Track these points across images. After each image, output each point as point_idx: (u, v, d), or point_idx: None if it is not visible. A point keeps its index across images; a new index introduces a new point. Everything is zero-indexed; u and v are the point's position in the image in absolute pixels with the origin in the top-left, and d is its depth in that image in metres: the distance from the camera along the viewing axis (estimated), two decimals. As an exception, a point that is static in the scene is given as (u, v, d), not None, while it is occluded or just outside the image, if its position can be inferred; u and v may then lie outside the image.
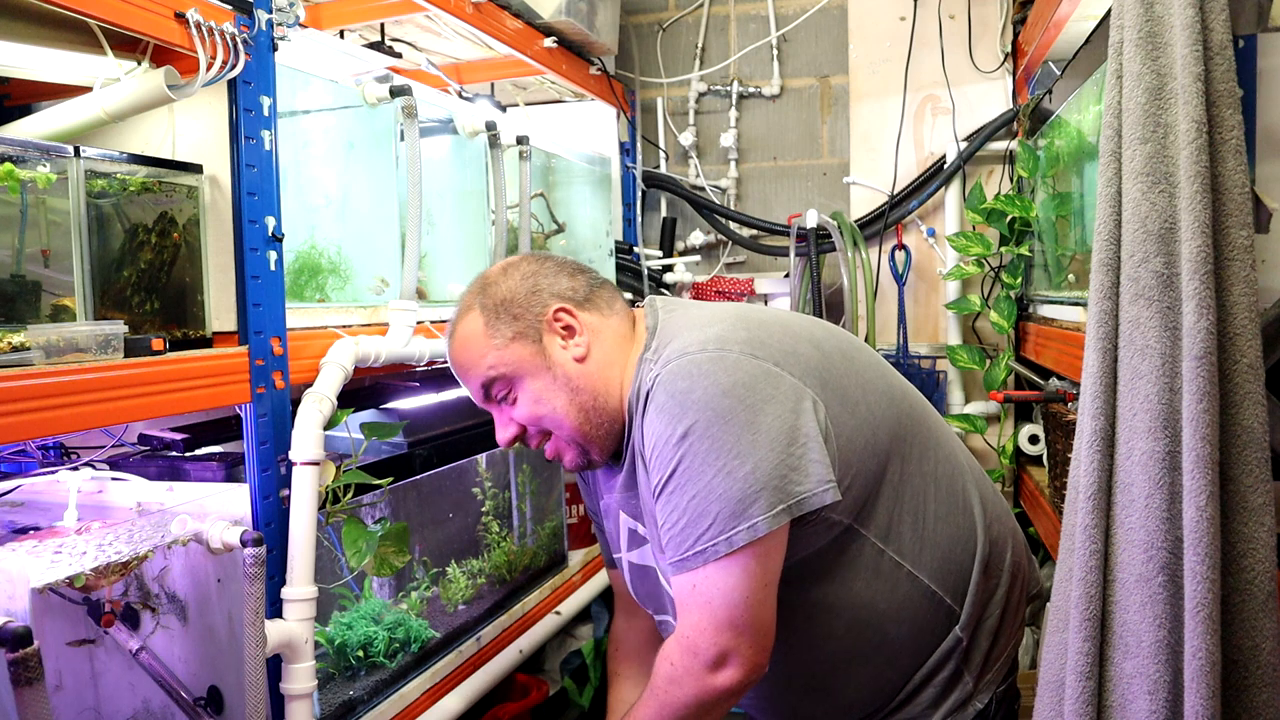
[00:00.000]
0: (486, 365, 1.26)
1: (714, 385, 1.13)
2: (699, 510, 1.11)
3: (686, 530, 1.13)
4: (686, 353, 1.17)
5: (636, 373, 1.25)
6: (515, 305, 1.27)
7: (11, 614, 1.00)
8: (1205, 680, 0.94)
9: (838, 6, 2.84)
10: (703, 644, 1.14)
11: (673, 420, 1.13)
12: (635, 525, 1.32)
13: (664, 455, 1.14)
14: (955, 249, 2.56)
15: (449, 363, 1.34)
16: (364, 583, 1.77)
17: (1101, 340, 1.07)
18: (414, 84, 1.70)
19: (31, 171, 1.14)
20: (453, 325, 1.32)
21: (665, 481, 1.14)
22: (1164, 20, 1.03)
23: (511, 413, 1.29)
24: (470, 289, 1.32)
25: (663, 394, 1.15)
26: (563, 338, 1.27)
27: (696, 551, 1.12)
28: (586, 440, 1.28)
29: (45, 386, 1.04)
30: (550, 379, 1.25)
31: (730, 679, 1.15)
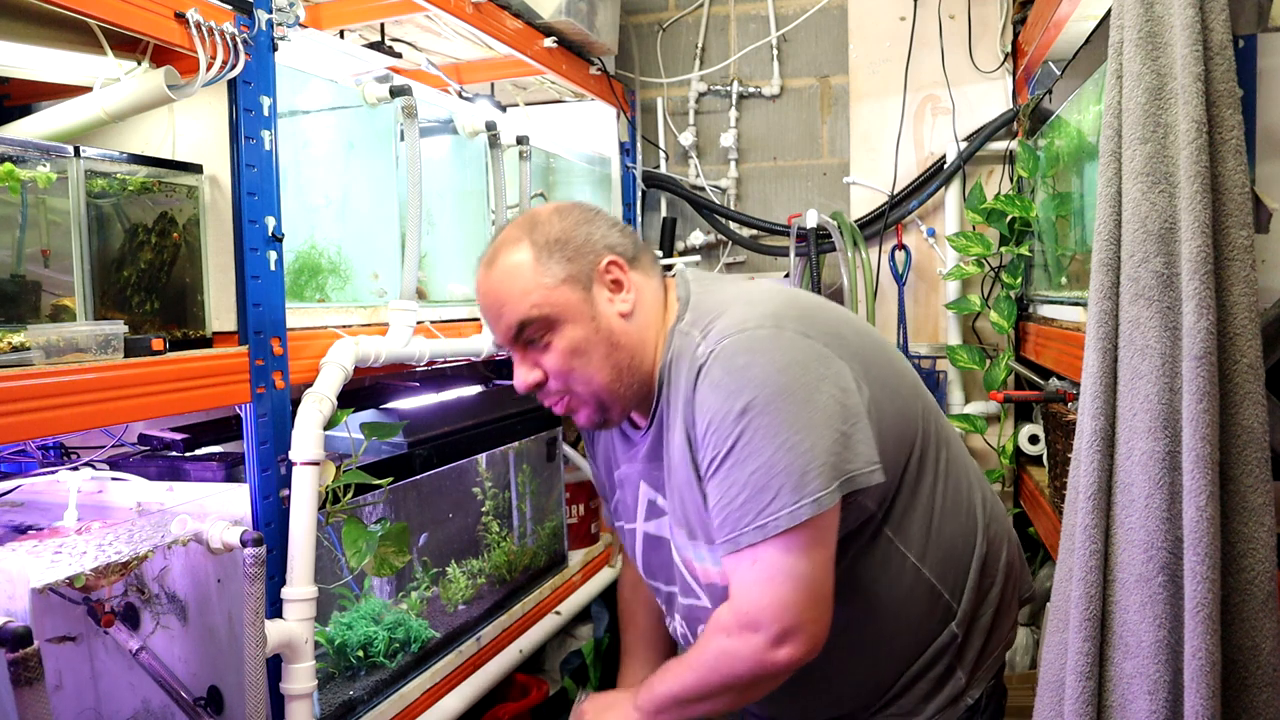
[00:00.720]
0: (530, 302, 1.20)
1: (771, 362, 1.12)
2: (760, 485, 1.10)
3: (747, 505, 1.11)
4: (744, 329, 1.15)
5: (669, 342, 1.23)
6: (569, 248, 1.21)
7: (11, 614, 1.00)
8: (1205, 680, 0.94)
9: (838, 6, 2.84)
10: (765, 620, 1.12)
11: (731, 396, 1.11)
12: (655, 496, 1.30)
13: (722, 430, 1.12)
14: (955, 249, 2.56)
15: (479, 295, 1.27)
16: (364, 583, 1.77)
17: (1101, 340, 1.07)
18: (414, 84, 1.71)
19: (31, 171, 1.14)
20: (492, 254, 1.25)
21: (724, 457, 1.12)
22: (1164, 20, 1.03)
23: (540, 358, 1.23)
24: (516, 224, 1.26)
25: (719, 370, 1.13)
26: (611, 291, 1.23)
27: (758, 526, 1.10)
28: (611, 399, 1.24)
29: (45, 386, 1.04)
30: (593, 330, 1.21)
31: (790, 655, 1.13)
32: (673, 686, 1.21)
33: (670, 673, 1.23)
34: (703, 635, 1.20)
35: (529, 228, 1.24)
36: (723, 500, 1.13)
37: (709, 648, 1.17)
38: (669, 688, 1.22)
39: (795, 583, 1.11)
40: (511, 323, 1.22)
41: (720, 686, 1.17)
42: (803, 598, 1.12)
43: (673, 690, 1.21)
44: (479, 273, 1.26)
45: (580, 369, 1.22)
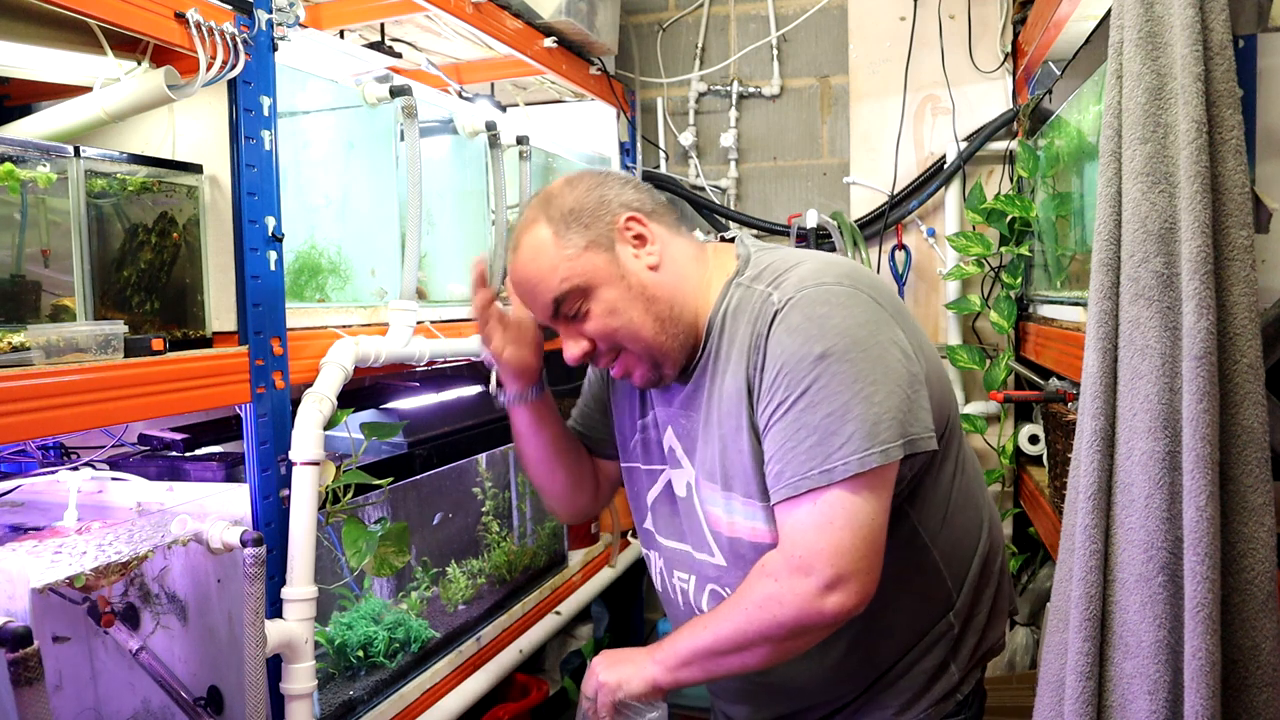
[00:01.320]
0: (559, 278, 1.22)
1: (850, 316, 1.14)
2: (832, 429, 1.10)
3: (816, 448, 1.11)
4: (822, 283, 1.17)
5: (726, 294, 1.25)
6: (584, 214, 1.23)
7: (11, 614, 1.00)
8: (1205, 680, 0.94)
9: (838, 6, 2.84)
10: (819, 565, 1.10)
11: (810, 340, 1.13)
12: (675, 445, 1.30)
13: (797, 372, 1.13)
14: (955, 249, 2.56)
15: (512, 283, 1.29)
16: (364, 583, 1.77)
17: (1101, 340, 1.07)
18: (414, 84, 1.71)
19: (31, 171, 1.14)
20: (515, 239, 1.27)
21: (795, 399, 1.12)
22: (1164, 20, 1.03)
23: (582, 327, 1.24)
24: (531, 204, 1.27)
25: (799, 316, 1.15)
26: (635, 246, 1.24)
27: (824, 470, 1.10)
28: (661, 352, 1.25)
29: (45, 386, 1.04)
30: (625, 288, 1.22)
31: (840, 604, 1.11)
32: (702, 638, 1.18)
33: (699, 625, 1.19)
34: (744, 583, 1.17)
35: (544, 205, 1.25)
36: (788, 444, 1.13)
37: (752, 593, 1.15)
38: (697, 640, 1.18)
39: (854, 529, 1.11)
40: (547, 301, 1.23)
41: (758, 636, 1.14)
42: (860, 545, 1.11)
43: (702, 642, 1.18)
44: (508, 259, 1.28)
45: (624, 327, 1.23)
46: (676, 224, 1.30)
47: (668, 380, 1.29)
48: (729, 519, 1.23)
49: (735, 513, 1.22)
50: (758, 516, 1.20)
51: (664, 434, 1.33)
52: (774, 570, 1.14)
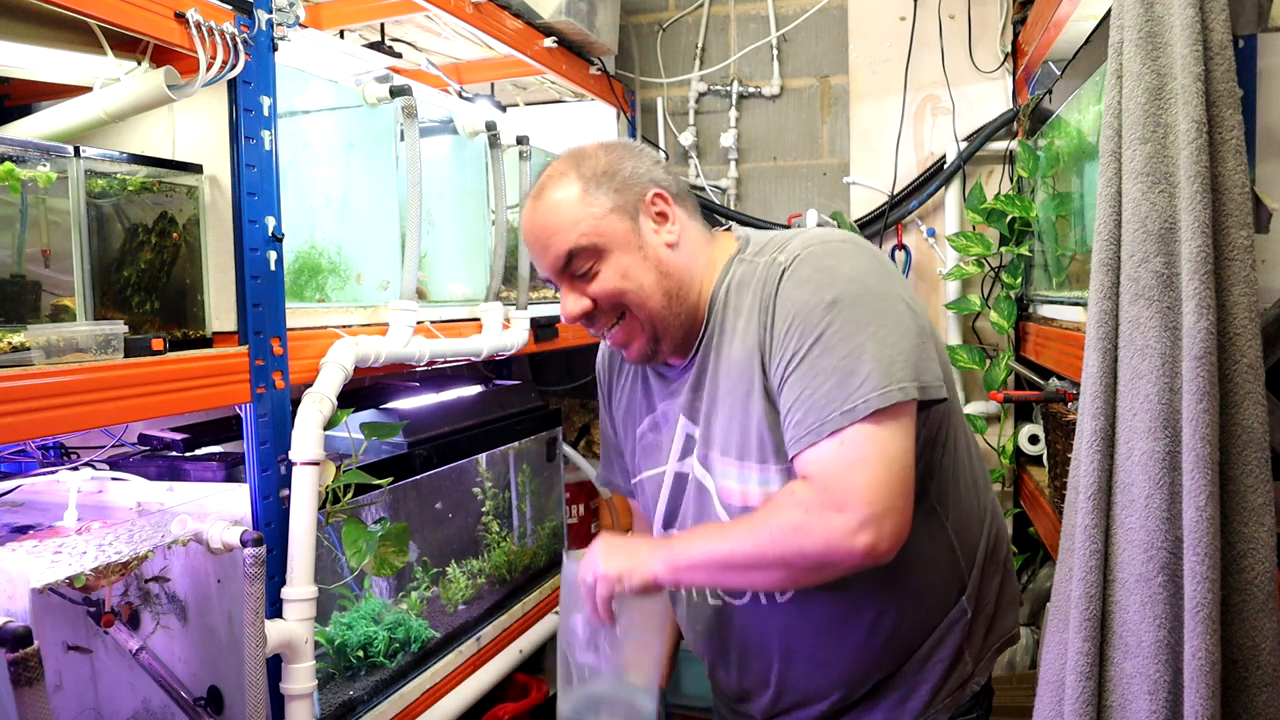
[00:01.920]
0: (578, 232, 1.23)
1: (858, 266, 1.17)
2: (849, 369, 1.11)
3: (834, 391, 1.11)
4: (827, 240, 1.22)
5: (727, 270, 1.27)
6: (615, 180, 1.25)
7: (11, 614, 1.00)
8: (1205, 680, 0.94)
9: (838, 6, 2.84)
10: (853, 501, 1.08)
11: (820, 289, 1.15)
12: (692, 430, 1.30)
13: (809, 320, 1.14)
14: (955, 249, 2.56)
15: (525, 229, 1.29)
16: (364, 583, 1.77)
17: (1101, 340, 1.07)
18: (414, 84, 1.71)
19: (31, 171, 1.14)
20: (539, 188, 1.27)
21: (810, 346, 1.13)
22: (1164, 20, 1.03)
23: (588, 288, 1.25)
24: (563, 158, 1.29)
25: (807, 268, 1.17)
26: (656, 222, 1.27)
27: (845, 410, 1.10)
28: (663, 326, 1.26)
29: (45, 386, 1.04)
30: (641, 258, 1.24)
31: (872, 543, 1.09)
32: (717, 548, 1.15)
33: (716, 534, 1.18)
34: (768, 505, 1.15)
35: (576, 161, 1.26)
36: (806, 391, 1.13)
37: (778, 518, 1.12)
38: (713, 548, 1.15)
39: (886, 466, 1.10)
40: (560, 253, 1.24)
41: (778, 560, 1.12)
42: (894, 482, 1.10)
43: (717, 552, 1.15)
44: (526, 206, 1.29)
45: (635, 293, 1.24)
46: (695, 210, 1.33)
47: (663, 355, 1.30)
48: (742, 488, 1.23)
49: (749, 481, 1.22)
50: (772, 481, 1.21)
51: (676, 425, 1.33)
52: (804, 501, 1.11)
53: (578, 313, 1.26)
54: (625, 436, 1.46)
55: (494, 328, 1.92)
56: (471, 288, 2.00)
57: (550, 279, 1.29)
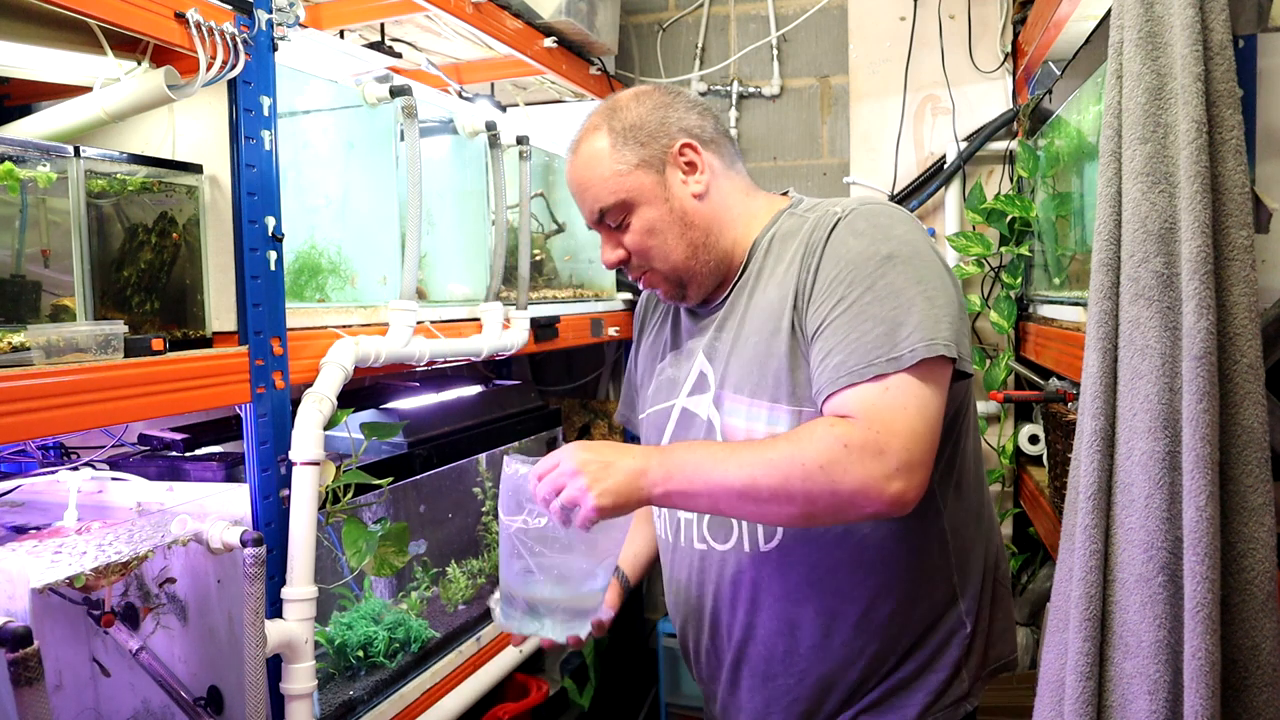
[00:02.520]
0: (608, 190, 1.28)
1: (912, 232, 1.20)
2: (898, 320, 1.12)
3: (882, 338, 1.11)
4: (882, 203, 1.25)
5: (775, 220, 1.31)
6: (643, 133, 1.28)
7: (11, 614, 1.00)
8: (1205, 680, 0.94)
9: (838, 6, 2.84)
10: (895, 446, 1.07)
11: (876, 242, 1.17)
12: (708, 369, 1.32)
13: (862, 269, 1.16)
14: (955, 249, 2.56)
15: (568, 180, 1.34)
16: (364, 583, 1.77)
17: (1101, 340, 1.07)
18: (414, 84, 1.70)
19: (31, 171, 1.14)
20: (575, 142, 1.32)
21: (862, 294, 1.15)
22: (1164, 20, 1.03)
23: (621, 238, 1.31)
24: (598, 111, 1.32)
25: (864, 222, 1.20)
26: (684, 172, 1.29)
27: (892, 356, 1.10)
28: (689, 275, 1.31)
29: (45, 386, 1.04)
30: (666, 211, 1.28)
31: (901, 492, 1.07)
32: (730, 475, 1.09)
33: (727, 455, 1.11)
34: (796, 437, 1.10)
35: (609, 114, 1.30)
36: (852, 334, 1.13)
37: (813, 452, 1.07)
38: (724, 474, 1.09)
39: (924, 419, 1.10)
40: (593, 208, 1.30)
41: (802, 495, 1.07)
42: (930, 435, 1.10)
43: (731, 477, 1.09)
44: (567, 165, 1.34)
45: (657, 247, 1.29)
46: (733, 157, 1.35)
47: (691, 300, 1.34)
48: (748, 427, 1.24)
49: (756, 420, 1.23)
50: (780, 421, 1.21)
51: (694, 361, 1.35)
52: (845, 437, 1.07)
53: (615, 261, 1.33)
54: (646, 373, 1.48)
55: (494, 328, 1.92)
56: (471, 288, 2.00)
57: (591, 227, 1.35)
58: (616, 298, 2.64)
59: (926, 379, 1.10)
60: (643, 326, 1.54)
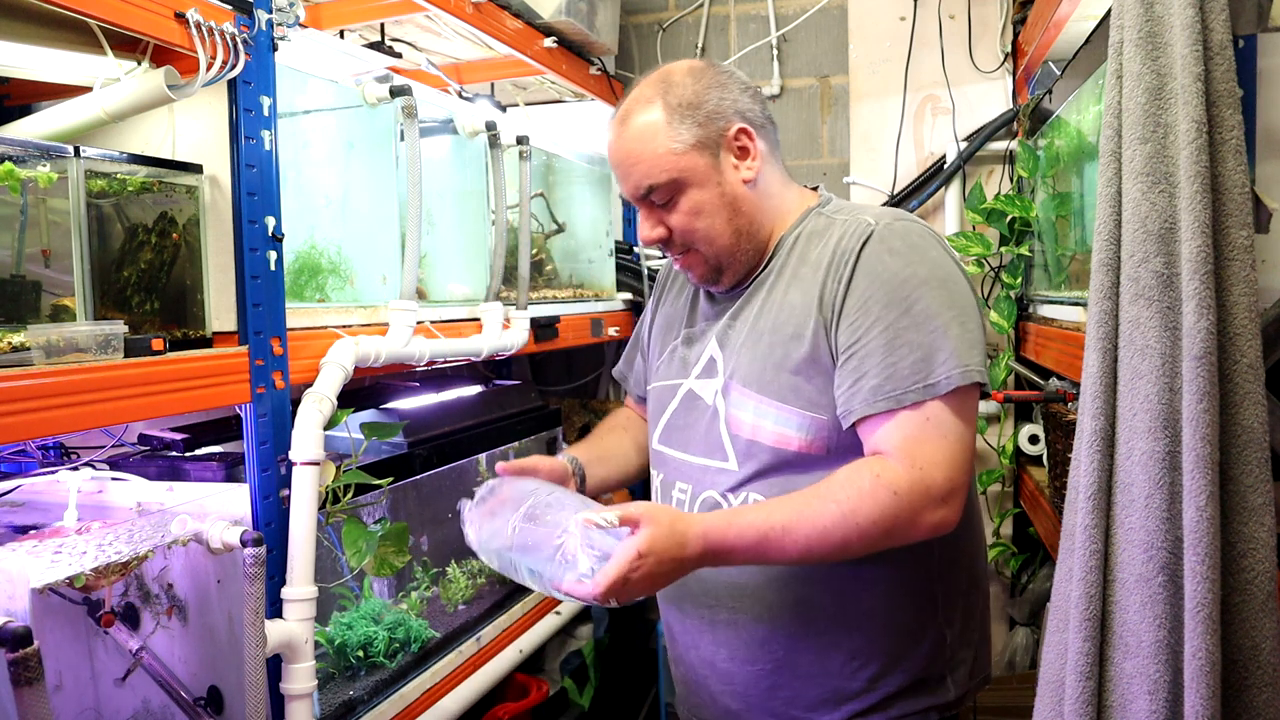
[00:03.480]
0: (660, 168, 1.24)
1: (944, 255, 1.21)
2: (935, 345, 1.14)
3: (919, 364, 1.14)
4: (915, 222, 1.24)
5: (803, 218, 1.30)
6: (700, 112, 1.24)
7: (11, 614, 1.00)
8: (1205, 680, 0.94)
9: (838, 6, 2.84)
10: (939, 478, 1.12)
11: (912, 263, 1.18)
12: (718, 355, 1.32)
13: (899, 290, 1.16)
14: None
15: (611, 151, 1.30)
16: (364, 583, 1.77)
17: (1101, 340, 1.07)
18: (414, 84, 1.70)
19: (31, 171, 1.14)
20: (625, 111, 1.28)
21: (898, 316, 1.16)
22: (1164, 20, 1.03)
23: (665, 216, 1.28)
24: (650, 81, 1.28)
25: (899, 240, 1.20)
26: (737, 157, 1.27)
27: (928, 384, 1.13)
28: (729, 260, 1.29)
29: (45, 386, 1.04)
30: (717, 195, 1.26)
31: (944, 519, 1.13)
32: (787, 549, 1.11)
33: (781, 533, 1.11)
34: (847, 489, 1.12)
35: (663, 87, 1.26)
36: (889, 359, 1.15)
37: (869, 508, 1.10)
38: (778, 550, 1.11)
39: (964, 443, 1.15)
40: (640, 184, 1.26)
41: (858, 548, 1.12)
42: (968, 459, 1.15)
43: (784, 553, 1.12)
44: (612, 129, 1.29)
45: (704, 230, 1.27)
46: (775, 144, 1.35)
47: (724, 285, 1.34)
48: (754, 422, 1.25)
49: (764, 417, 1.24)
50: (788, 423, 1.22)
51: (707, 345, 1.35)
52: (894, 482, 1.12)
53: (655, 238, 1.30)
54: (654, 342, 1.49)
55: (494, 328, 1.92)
56: (471, 288, 2.00)
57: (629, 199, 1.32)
58: (616, 298, 2.64)
59: (961, 405, 1.14)
60: (662, 292, 1.53)
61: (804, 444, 1.22)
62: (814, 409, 1.21)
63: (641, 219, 1.31)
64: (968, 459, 1.15)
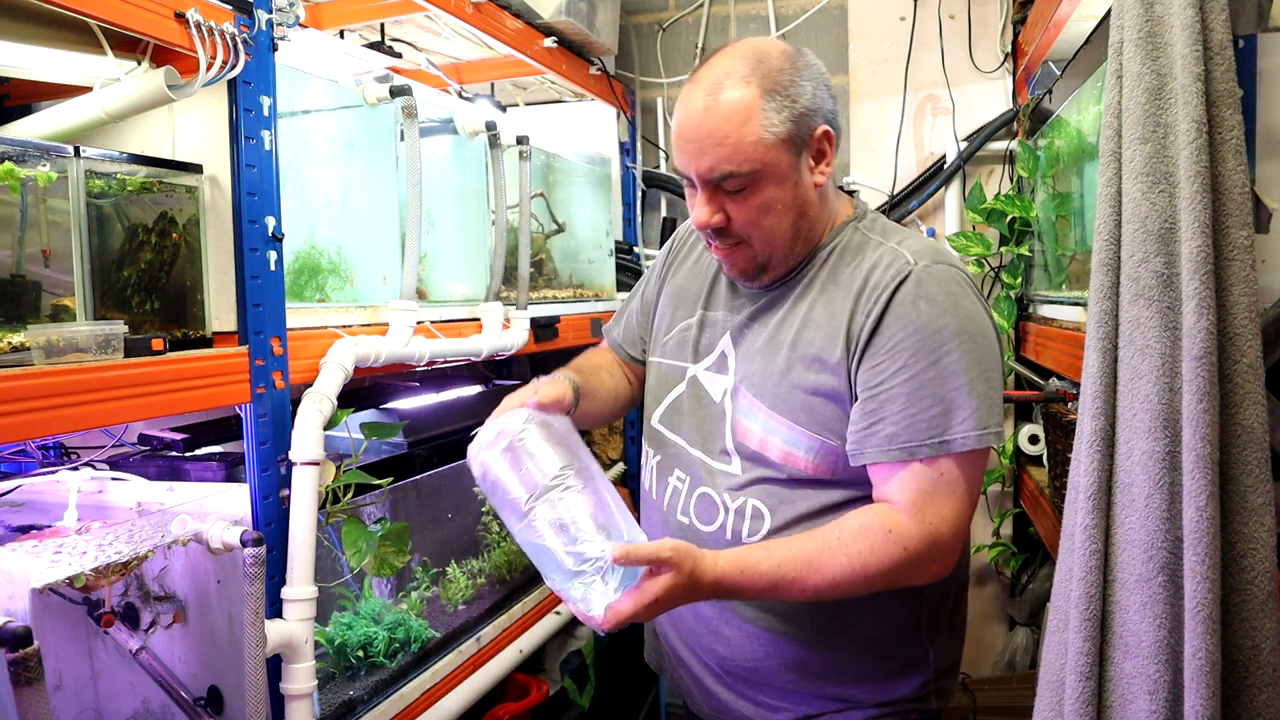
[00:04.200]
0: (746, 154, 1.15)
1: (976, 306, 1.20)
2: (956, 402, 1.14)
3: (937, 419, 1.14)
4: (953, 264, 1.21)
5: (838, 231, 1.28)
6: (797, 105, 1.16)
7: (11, 614, 1.00)
8: (1205, 680, 0.94)
9: (838, 6, 2.84)
10: (946, 533, 1.16)
11: (945, 314, 1.16)
12: (730, 352, 1.31)
13: (929, 340, 1.15)
14: (955, 249, 2.56)
15: (688, 119, 1.18)
16: (364, 583, 1.77)
17: (1101, 340, 1.07)
18: (414, 84, 1.70)
19: (31, 171, 1.14)
20: (713, 82, 1.16)
21: (925, 367, 1.15)
22: (1164, 20, 1.03)
23: (727, 203, 1.19)
24: (741, 55, 1.17)
25: (937, 287, 1.17)
26: (814, 159, 1.22)
27: (943, 440, 1.14)
28: (778, 261, 1.25)
29: (45, 386, 1.04)
30: (791, 194, 1.20)
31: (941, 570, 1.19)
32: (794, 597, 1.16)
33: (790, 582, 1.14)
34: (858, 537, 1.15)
35: (757, 64, 1.16)
36: (909, 408, 1.15)
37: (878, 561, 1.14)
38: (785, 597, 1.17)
39: (972, 498, 1.18)
40: (717, 167, 1.17)
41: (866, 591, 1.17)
42: (971, 512, 1.18)
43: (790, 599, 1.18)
44: (693, 97, 1.18)
45: (768, 228, 1.21)
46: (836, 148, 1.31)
47: (760, 283, 1.29)
48: (762, 435, 1.24)
49: (773, 433, 1.23)
50: (798, 444, 1.22)
51: (720, 337, 1.33)
52: (904, 538, 1.14)
53: (712, 224, 1.21)
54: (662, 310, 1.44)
55: (494, 328, 1.92)
56: (471, 288, 2.00)
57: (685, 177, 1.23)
58: (616, 298, 2.64)
59: (973, 464, 1.17)
60: (676, 259, 1.47)
61: (810, 465, 1.22)
62: (825, 434, 1.21)
63: (700, 202, 1.21)
64: (972, 510, 1.18)
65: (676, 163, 1.23)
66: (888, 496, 1.18)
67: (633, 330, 1.54)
